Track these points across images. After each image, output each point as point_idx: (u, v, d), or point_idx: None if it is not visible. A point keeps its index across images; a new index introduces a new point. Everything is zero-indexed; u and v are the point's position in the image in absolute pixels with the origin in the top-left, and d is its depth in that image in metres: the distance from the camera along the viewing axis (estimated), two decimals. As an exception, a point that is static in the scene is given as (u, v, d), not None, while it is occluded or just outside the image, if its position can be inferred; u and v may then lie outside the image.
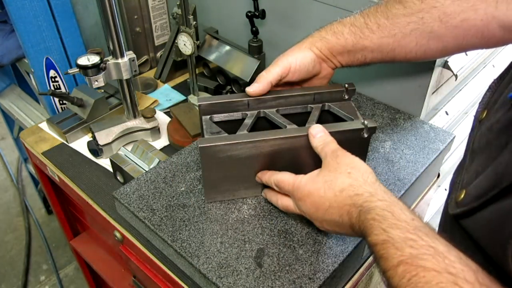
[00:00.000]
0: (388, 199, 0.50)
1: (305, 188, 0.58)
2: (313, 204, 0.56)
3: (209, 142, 0.62)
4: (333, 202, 0.54)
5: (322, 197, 0.55)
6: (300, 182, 0.59)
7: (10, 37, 1.25)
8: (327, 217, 0.55)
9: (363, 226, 0.49)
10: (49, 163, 0.96)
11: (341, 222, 0.54)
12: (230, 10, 1.12)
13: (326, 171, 0.57)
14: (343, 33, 0.68)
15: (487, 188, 0.43)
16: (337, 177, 0.55)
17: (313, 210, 0.57)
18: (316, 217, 0.57)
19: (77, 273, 1.87)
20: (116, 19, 0.84)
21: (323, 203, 0.55)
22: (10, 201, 2.20)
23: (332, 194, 0.54)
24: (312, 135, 0.62)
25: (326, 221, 0.56)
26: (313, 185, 0.57)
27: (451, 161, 1.24)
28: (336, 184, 0.54)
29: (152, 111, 0.98)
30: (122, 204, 0.71)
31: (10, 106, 1.50)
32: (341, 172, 0.55)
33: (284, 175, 0.62)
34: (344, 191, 0.53)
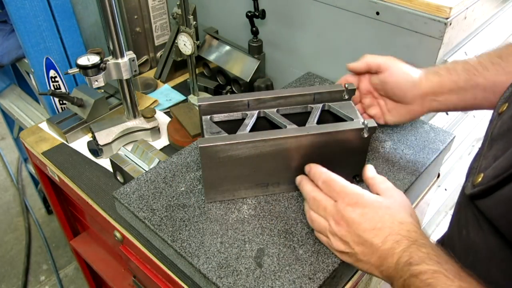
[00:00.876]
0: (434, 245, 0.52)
1: (364, 199, 0.57)
2: (363, 215, 0.56)
3: (209, 142, 0.62)
4: (387, 227, 0.54)
5: (379, 217, 0.55)
6: (360, 192, 0.58)
7: (10, 37, 1.25)
8: (367, 236, 0.54)
9: (411, 256, 0.50)
10: (49, 163, 0.96)
11: (377, 247, 0.54)
12: (230, 10, 1.12)
13: (392, 200, 0.58)
14: (456, 69, 0.68)
15: (507, 167, 0.44)
16: (401, 211, 0.56)
17: (358, 221, 0.55)
18: (354, 229, 0.56)
19: (77, 273, 1.87)
20: (116, 19, 0.84)
21: (376, 221, 0.55)
22: (10, 201, 2.20)
23: (390, 220, 0.55)
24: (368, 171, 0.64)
25: (360, 239, 0.55)
26: (375, 202, 0.57)
27: (451, 161, 1.24)
28: (398, 216, 0.55)
29: (152, 111, 0.98)
30: (122, 204, 0.71)
31: (10, 106, 1.50)
32: (405, 210, 0.57)
33: (339, 177, 0.61)
34: (404, 224, 0.54)
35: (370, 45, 0.88)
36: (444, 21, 0.75)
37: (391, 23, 0.82)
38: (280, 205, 0.69)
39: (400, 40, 0.83)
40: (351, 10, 0.87)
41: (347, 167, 0.71)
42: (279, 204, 0.70)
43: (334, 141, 0.66)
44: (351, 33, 0.90)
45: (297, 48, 1.04)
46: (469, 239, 0.53)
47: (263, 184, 0.69)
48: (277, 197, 0.71)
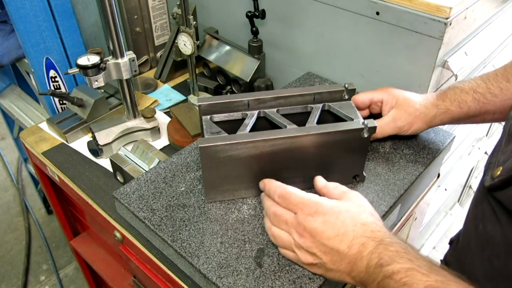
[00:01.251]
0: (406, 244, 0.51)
1: (323, 206, 0.56)
2: (325, 223, 0.54)
3: (209, 142, 0.62)
4: (350, 230, 0.53)
5: (340, 222, 0.54)
6: (318, 200, 0.57)
7: (10, 37, 1.25)
8: (332, 243, 0.53)
9: (381, 257, 0.49)
10: (49, 163, 0.96)
11: (344, 253, 0.53)
12: (230, 10, 1.12)
13: (350, 203, 0.57)
14: (467, 102, 0.69)
15: None
16: (361, 212, 0.55)
17: (321, 229, 0.54)
18: (319, 239, 0.54)
19: (77, 273, 1.87)
20: (116, 19, 0.84)
21: (338, 227, 0.54)
22: (10, 201, 2.20)
23: (352, 223, 0.54)
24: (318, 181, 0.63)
25: (326, 248, 0.54)
26: (334, 208, 0.56)
27: (451, 161, 1.24)
28: (360, 217, 0.54)
29: (152, 111, 0.98)
30: (122, 204, 0.71)
31: (10, 106, 1.50)
32: (365, 211, 0.56)
33: (295, 189, 0.60)
34: (366, 225, 0.54)
35: (370, 45, 0.88)
36: (444, 21, 0.75)
37: (391, 23, 0.82)
38: (280, 205, 0.69)
39: (400, 40, 0.83)
40: (351, 10, 0.87)
41: (347, 167, 0.71)
42: (279, 204, 0.70)
43: (334, 141, 0.66)
44: (351, 33, 0.90)
45: (297, 48, 1.04)
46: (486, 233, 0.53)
47: (263, 184, 0.69)
48: (277, 197, 0.71)
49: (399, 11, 0.80)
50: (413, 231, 1.01)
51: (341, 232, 0.53)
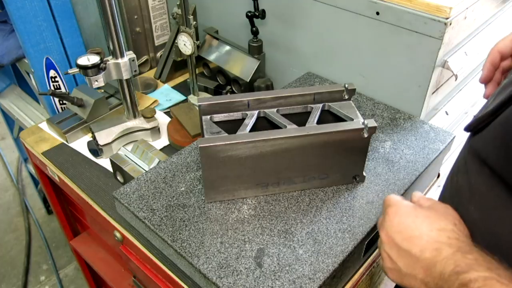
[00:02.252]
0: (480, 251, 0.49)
1: (402, 208, 0.54)
2: (400, 224, 0.53)
3: (209, 142, 0.62)
4: (424, 234, 0.51)
5: (416, 225, 0.52)
6: (399, 200, 0.56)
7: (10, 37, 1.25)
8: (405, 245, 0.51)
9: (457, 264, 0.46)
10: (49, 163, 0.96)
11: (416, 257, 0.50)
12: (230, 10, 1.12)
13: (433, 211, 0.54)
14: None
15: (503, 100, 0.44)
16: (442, 220, 0.52)
17: (396, 230, 0.53)
18: (393, 239, 0.53)
19: (77, 273, 1.87)
20: (116, 19, 0.84)
21: (412, 229, 0.52)
22: (10, 201, 2.20)
23: (428, 228, 0.51)
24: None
25: (400, 250, 0.52)
26: (413, 211, 0.54)
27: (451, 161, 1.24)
28: (437, 223, 0.52)
29: (152, 111, 0.98)
30: (122, 204, 0.71)
31: (10, 106, 1.50)
32: (447, 219, 0.52)
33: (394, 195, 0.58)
34: (443, 231, 0.50)
35: (370, 45, 0.88)
36: (444, 21, 0.75)
37: (391, 23, 0.82)
38: (280, 205, 0.69)
39: (400, 40, 0.83)
40: (351, 10, 0.87)
41: (347, 167, 0.71)
42: (279, 204, 0.70)
43: (334, 141, 0.66)
44: (351, 33, 0.90)
45: (297, 48, 1.04)
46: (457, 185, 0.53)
47: (263, 184, 0.69)
48: (277, 197, 0.71)
49: (399, 11, 0.80)
50: (413, 231, 1.01)
51: (415, 235, 0.51)
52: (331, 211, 0.68)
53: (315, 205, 0.69)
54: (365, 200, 0.70)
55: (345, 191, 0.72)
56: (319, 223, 0.66)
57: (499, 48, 0.64)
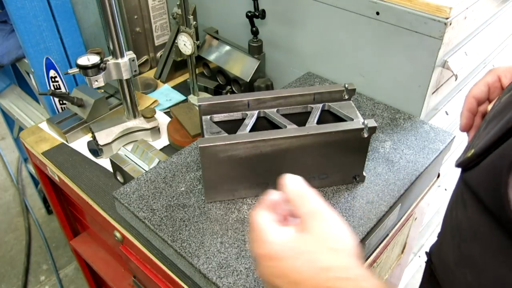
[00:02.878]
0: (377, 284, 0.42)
1: (273, 245, 0.44)
2: (280, 269, 0.43)
3: (209, 142, 0.62)
4: (307, 279, 0.42)
5: (296, 268, 0.42)
6: (269, 238, 0.44)
7: (10, 37, 1.25)
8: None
9: None
10: (49, 163, 0.96)
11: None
12: (230, 10, 1.12)
13: (308, 236, 0.44)
14: None
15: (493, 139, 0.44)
16: (322, 251, 0.43)
17: (276, 274, 0.43)
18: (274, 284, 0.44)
19: (77, 273, 1.87)
20: (116, 19, 0.84)
21: (293, 274, 0.42)
22: (10, 201, 2.20)
23: (312, 271, 0.42)
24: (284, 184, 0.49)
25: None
26: (286, 251, 0.43)
27: (451, 161, 1.24)
28: (318, 260, 0.43)
29: (152, 111, 0.98)
30: (122, 204, 0.71)
31: (10, 106, 1.50)
32: (327, 246, 0.43)
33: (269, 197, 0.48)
34: (329, 270, 0.42)
35: (370, 45, 0.88)
36: (444, 21, 0.75)
37: (391, 23, 0.82)
38: (280, 205, 0.69)
39: (400, 40, 0.83)
40: (351, 10, 0.87)
41: (347, 167, 0.71)
42: (279, 204, 0.70)
43: (334, 141, 0.66)
44: (351, 33, 0.90)
45: (297, 48, 1.04)
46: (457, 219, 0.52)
47: (263, 184, 0.69)
48: (277, 197, 0.71)
49: (399, 11, 0.80)
50: (413, 231, 1.01)
51: (298, 281, 0.42)
52: (331, 211, 0.68)
53: (315, 205, 0.69)
54: (365, 200, 0.70)
55: (345, 191, 0.72)
56: (319, 223, 0.66)
57: (474, 94, 0.63)
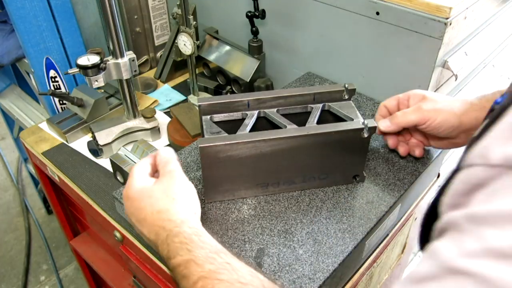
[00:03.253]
0: (197, 227, 0.53)
1: (131, 190, 0.58)
2: (131, 207, 0.57)
3: (209, 142, 0.62)
4: (148, 217, 0.55)
5: (142, 208, 0.56)
6: (131, 183, 0.58)
7: (10, 37, 1.25)
8: (139, 227, 0.56)
9: (169, 249, 0.51)
10: (49, 163, 0.96)
11: (148, 237, 0.55)
12: (230, 10, 1.12)
13: (158, 186, 0.57)
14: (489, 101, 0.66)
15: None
16: (162, 198, 0.55)
17: (129, 212, 0.58)
18: (131, 220, 0.58)
19: (77, 273, 1.87)
20: (116, 19, 0.84)
21: (139, 213, 0.56)
22: (10, 201, 2.20)
23: (150, 211, 0.55)
24: (158, 153, 0.62)
25: (136, 228, 0.57)
26: (137, 193, 0.57)
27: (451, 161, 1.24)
28: (157, 204, 0.55)
29: (152, 111, 0.98)
30: (122, 204, 0.71)
31: (10, 106, 1.50)
32: (168, 195, 0.56)
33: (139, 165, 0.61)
34: (160, 213, 0.54)
35: (370, 45, 0.88)
36: (444, 21, 0.75)
37: (391, 23, 0.82)
38: (280, 205, 0.69)
39: (400, 40, 0.83)
40: (351, 10, 0.87)
41: (347, 167, 0.71)
42: (279, 204, 0.70)
43: (334, 141, 0.66)
44: (351, 33, 0.90)
45: (297, 48, 1.04)
46: None
47: (263, 184, 0.69)
48: (277, 197, 0.71)
49: (399, 11, 0.80)
50: (413, 231, 1.01)
51: (142, 218, 0.55)
52: (331, 211, 0.68)
53: (315, 205, 0.69)
54: (365, 200, 0.70)
55: (345, 191, 0.72)
56: (319, 223, 0.66)
57: (385, 103, 0.74)
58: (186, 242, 0.50)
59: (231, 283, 0.45)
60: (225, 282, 0.45)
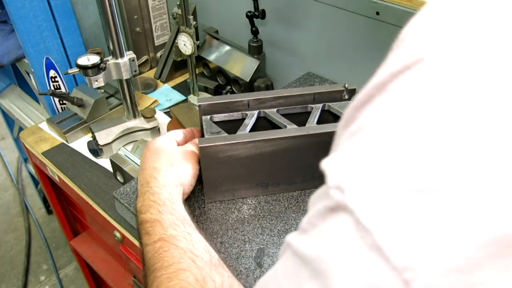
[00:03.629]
0: (174, 195, 0.57)
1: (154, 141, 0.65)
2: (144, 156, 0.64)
3: (209, 142, 0.62)
4: (146, 168, 0.61)
5: (146, 158, 0.63)
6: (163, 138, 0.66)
7: (10, 37, 1.25)
8: (139, 173, 0.63)
9: (143, 204, 0.55)
10: (49, 163, 0.96)
11: (138, 185, 0.61)
12: (230, 10, 1.12)
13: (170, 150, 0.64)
14: None
15: None
16: (164, 158, 0.62)
17: (142, 159, 0.65)
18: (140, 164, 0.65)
19: (77, 273, 1.87)
20: (116, 19, 0.84)
21: (144, 162, 0.63)
22: (10, 201, 2.20)
23: (149, 164, 0.61)
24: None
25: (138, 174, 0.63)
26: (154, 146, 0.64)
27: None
28: (157, 161, 0.61)
29: (152, 111, 0.98)
30: (122, 204, 0.71)
31: (10, 106, 1.50)
32: (169, 160, 0.62)
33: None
34: (154, 169, 0.60)
35: (370, 45, 0.88)
36: (444, 21, 0.75)
37: (391, 23, 0.82)
38: (280, 205, 0.70)
39: (400, 40, 0.83)
40: (351, 10, 0.87)
41: (347, 167, 0.71)
42: (279, 204, 0.70)
43: None
44: (351, 33, 0.90)
45: (297, 48, 1.04)
46: None
47: (263, 184, 0.69)
48: (277, 197, 0.71)
49: (399, 11, 0.80)
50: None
51: (142, 167, 0.62)
52: (331, 211, 0.68)
53: (315, 205, 0.69)
54: (365, 200, 0.70)
55: (345, 191, 0.72)
56: (319, 223, 0.66)
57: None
58: (159, 204, 0.54)
59: (184, 251, 0.48)
60: (180, 249, 0.48)
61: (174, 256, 0.48)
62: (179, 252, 0.48)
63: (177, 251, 0.48)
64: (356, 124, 0.27)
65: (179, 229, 0.51)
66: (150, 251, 0.50)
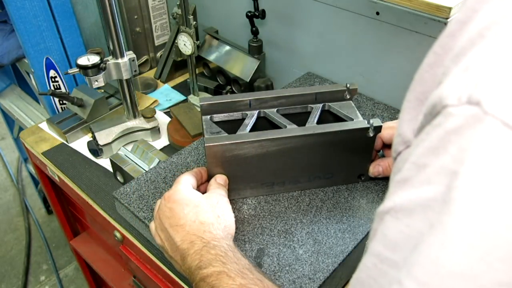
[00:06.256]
0: (234, 246, 0.54)
1: (177, 194, 0.58)
2: (171, 210, 0.57)
3: (216, 141, 0.62)
4: (187, 224, 0.55)
5: (184, 214, 0.56)
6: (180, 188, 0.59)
7: (10, 37, 1.25)
8: (171, 232, 0.56)
9: (201, 259, 0.51)
10: (49, 163, 0.96)
11: (177, 246, 0.55)
12: (230, 10, 1.12)
13: (206, 200, 0.59)
14: None
15: None
16: (208, 211, 0.57)
17: (167, 215, 0.57)
18: (163, 223, 0.57)
19: (77, 273, 1.87)
20: (116, 19, 0.84)
21: (180, 218, 0.56)
22: (10, 201, 2.19)
23: (193, 219, 0.56)
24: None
25: (167, 234, 0.56)
26: (185, 200, 0.58)
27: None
28: (202, 215, 0.56)
29: (152, 111, 0.98)
30: (122, 204, 0.71)
31: (10, 106, 1.50)
32: (213, 211, 0.58)
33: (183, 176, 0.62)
34: (202, 224, 0.55)
35: (370, 45, 0.88)
36: (444, 21, 0.75)
37: (391, 23, 0.82)
38: (280, 205, 0.69)
39: (400, 40, 0.83)
40: (351, 10, 0.87)
41: (351, 166, 0.71)
42: (279, 204, 0.70)
43: (339, 141, 0.66)
44: (351, 33, 0.90)
45: (297, 48, 1.04)
46: None
47: (269, 183, 0.69)
48: (277, 197, 0.71)
49: (399, 11, 0.80)
50: (413, 231, 1.01)
51: (180, 224, 0.55)
52: (331, 211, 0.68)
53: (315, 205, 0.69)
54: (365, 200, 0.70)
55: (345, 191, 0.72)
56: (319, 223, 0.66)
57: (380, 135, 0.69)
58: (222, 255, 0.51)
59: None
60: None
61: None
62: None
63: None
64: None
65: (248, 277, 0.49)
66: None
